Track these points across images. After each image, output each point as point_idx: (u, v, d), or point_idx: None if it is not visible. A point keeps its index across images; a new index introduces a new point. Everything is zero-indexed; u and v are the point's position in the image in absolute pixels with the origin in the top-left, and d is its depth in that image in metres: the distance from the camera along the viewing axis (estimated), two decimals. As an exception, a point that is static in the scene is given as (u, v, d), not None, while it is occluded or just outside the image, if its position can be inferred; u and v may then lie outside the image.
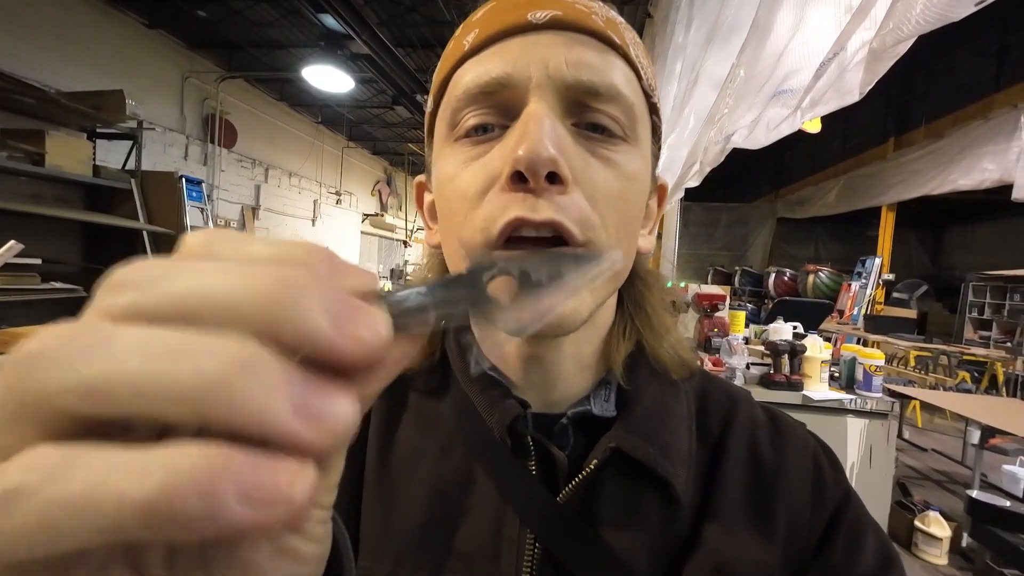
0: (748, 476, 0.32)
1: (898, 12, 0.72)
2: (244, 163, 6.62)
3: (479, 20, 0.30)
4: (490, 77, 0.27)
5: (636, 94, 0.30)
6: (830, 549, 0.31)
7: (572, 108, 0.27)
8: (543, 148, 0.24)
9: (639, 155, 0.30)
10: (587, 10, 0.29)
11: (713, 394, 0.37)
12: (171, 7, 4.66)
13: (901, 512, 2.20)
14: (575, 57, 0.27)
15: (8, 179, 3.66)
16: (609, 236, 0.28)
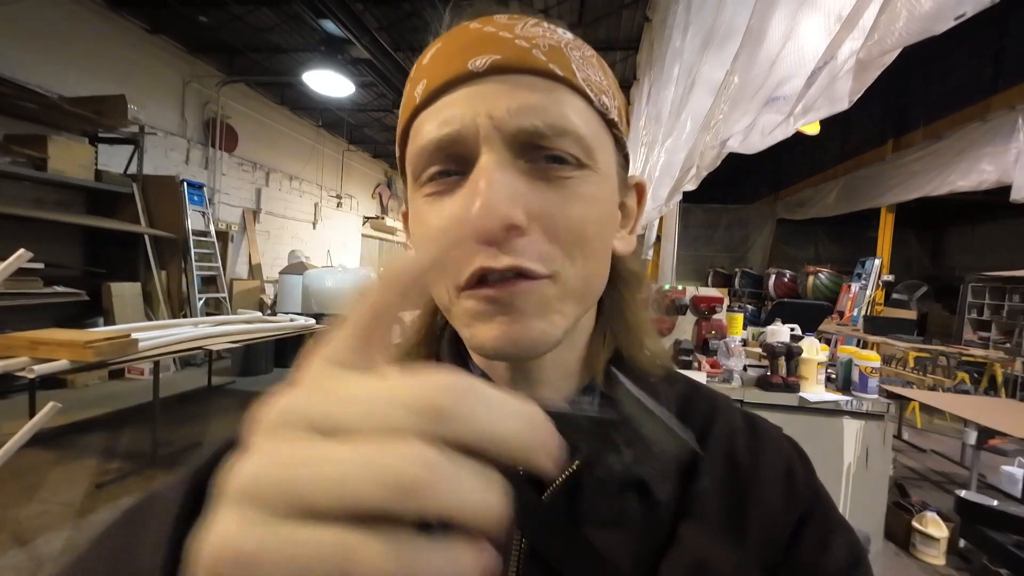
0: (724, 479, 0.34)
1: (882, 24, 0.74)
2: (245, 167, 6.65)
3: (427, 67, 0.31)
4: (443, 135, 0.28)
5: (588, 121, 0.30)
6: (800, 547, 0.32)
7: (523, 150, 0.28)
8: (498, 208, 0.25)
9: (598, 176, 0.31)
10: (528, 45, 0.29)
11: (695, 400, 0.38)
12: (172, 12, 4.69)
13: (899, 513, 2.20)
14: (516, 104, 0.28)
15: (10, 184, 3.68)
16: (573, 261, 0.29)
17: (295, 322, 3.86)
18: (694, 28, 2.01)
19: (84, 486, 2.35)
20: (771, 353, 1.81)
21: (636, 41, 4.52)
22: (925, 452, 3.53)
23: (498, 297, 0.28)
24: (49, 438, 2.84)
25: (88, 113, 3.89)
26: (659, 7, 3.16)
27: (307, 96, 6.40)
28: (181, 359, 4.79)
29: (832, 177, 7.79)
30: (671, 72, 2.41)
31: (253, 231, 6.77)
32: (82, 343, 2.03)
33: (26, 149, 3.56)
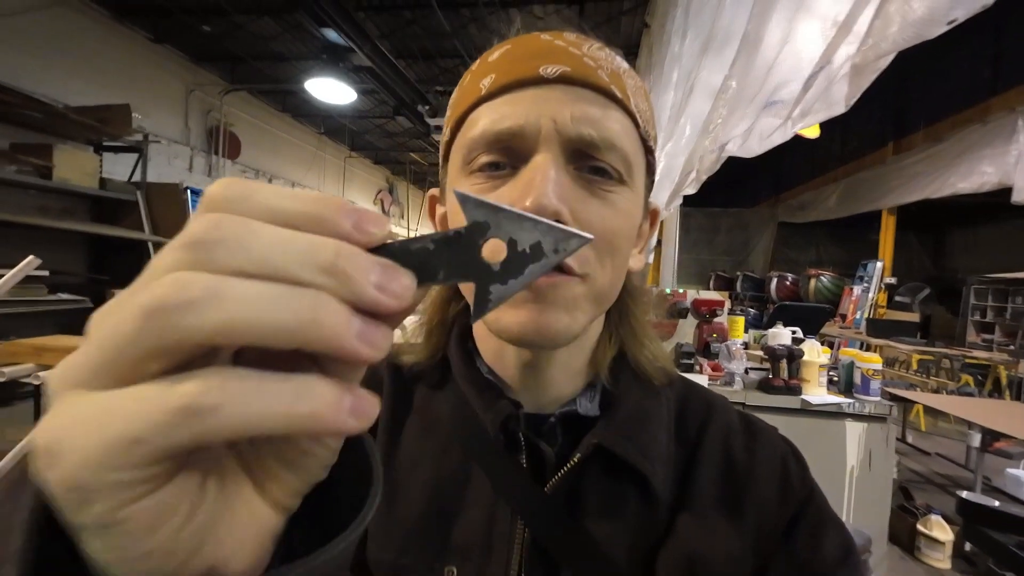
0: (721, 475, 0.35)
1: (876, 30, 0.75)
2: (248, 173, 6.69)
3: (496, 64, 0.33)
4: (505, 127, 0.30)
5: (633, 142, 0.33)
6: (794, 541, 0.33)
7: (574, 157, 0.31)
8: (548, 201, 0.27)
9: (633, 195, 0.33)
10: (594, 65, 0.32)
11: (692, 400, 0.40)
12: (176, 22, 4.75)
13: (903, 516, 2.19)
14: (579, 113, 0.30)
15: (16, 192, 3.72)
16: (604, 267, 0.31)
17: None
18: (692, 33, 2.03)
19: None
20: (772, 356, 1.81)
21: (635, 46, 4.55)
22: (930, 455, 3.52)
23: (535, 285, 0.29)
24: (53, 445, 2.84)
25: (93, 122, 3.93)
26: (658, 12, 3.19)
27: (309, 103, 6.45)
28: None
29: (833, 180, 7.80)
30: (670, 77, 2.43)
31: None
32: (86, 349, 2.04)
33: (32, 158, 3.59)
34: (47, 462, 0.12)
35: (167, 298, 0.12)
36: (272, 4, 4.43)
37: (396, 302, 0.14)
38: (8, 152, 3.55)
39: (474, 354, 0.38)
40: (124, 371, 0.12)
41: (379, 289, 0.13)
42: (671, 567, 0.32)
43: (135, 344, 0.12)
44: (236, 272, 0.12)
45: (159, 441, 0.11)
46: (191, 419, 0.11)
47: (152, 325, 0.12)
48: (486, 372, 0.37)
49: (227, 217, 0.13)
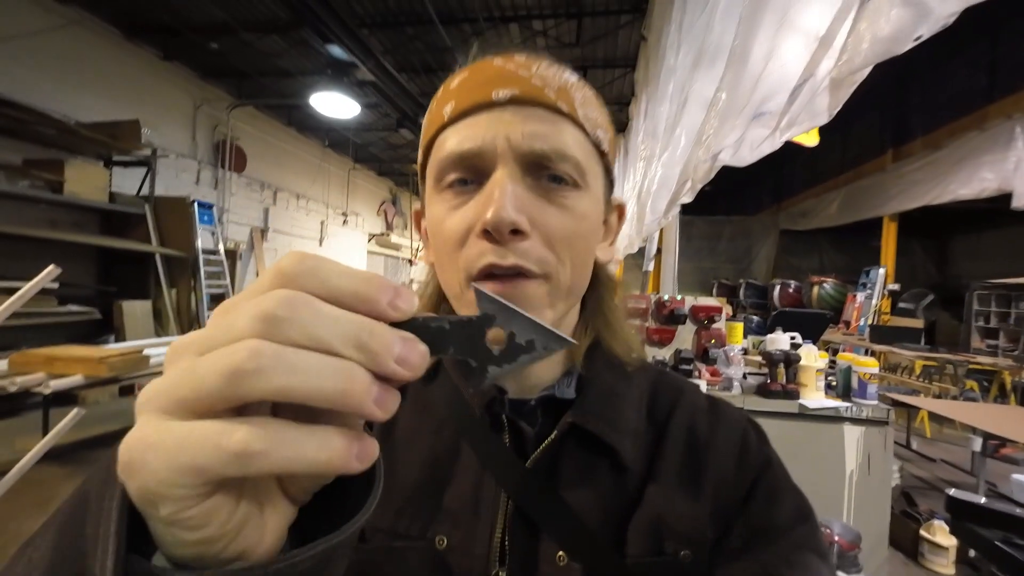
0: (685, 448, 0.39)
1: (851, 46, 0.79)
2: (253, 186, 6.80)
3: (455, 91, 0.37)
4: (466, 148, 0.34)
5: (584, 149, 0.36)
6: (751, 505, 0.37)
7: (530, 169, 0.34)
8: (506, 213, 0.31)
9: (589, 196, 0.37)
10: (541, 84, 0.35)
11: (664, 385, 0.44)
12: (185, 40, 4.87)
13: (906, 522, 2.19)
14: (529, 130, 0.34)
15: (28, 206, 3.81)
16: (563, 265, 0.35)
17: (302, 337, 3.90)
18: (686, 47, 2.08)
19: (95, 501, 2.38)
20: (770, 361, 1.83)
21: (633, 59, 4.63)
22: (934, 462, 3.49)
23: (502, 292, 0.33)
24: (62, 453, 2.88)
25: (103, 137, 4.03)
26: (654, 27, 3.26)
27: (314, 117, 6.56)
28: (190, 376, 4.84)
29: (833, 187, 7.84)
30: (666, 89, 2.48)
31: (261, 249, 6.89)
32: (96, 359, 2.09)
33: (44, 173, 3.68)
34: (128, 473, 0.16)
35: (245, 364, 0.15)
36: (278, 22, 4.54)
37: (410, 373, 0.18)
38: (21, 167, 3.64)
39: None
40: (198, 410, 0.16)
41: (399, 362, 0.17)
42: (640, 530, 0.35)
43: (212, 395, 0.16)
44: (295, 344, 0.16)
45: (215, 473, 0.16)
46: (242, 460, 0.15)
47: (230, 384, 0.15)
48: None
49: (296, 299, 0.17)
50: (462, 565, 0.35)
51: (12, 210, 3.69)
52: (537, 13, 4.36)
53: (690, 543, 0.35)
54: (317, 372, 0.16)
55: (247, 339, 0.16)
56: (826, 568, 0.35)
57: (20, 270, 3.55)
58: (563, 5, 4.27)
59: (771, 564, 0.34)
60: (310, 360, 0.16)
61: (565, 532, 0.35)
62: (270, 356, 0.16)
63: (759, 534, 0.36)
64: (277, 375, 0.16)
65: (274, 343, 0.16)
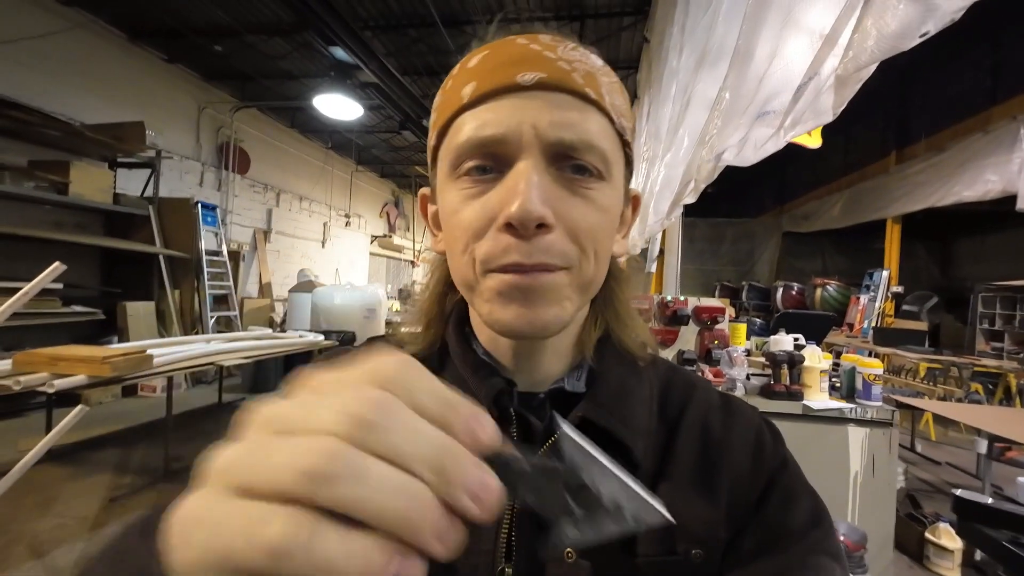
0: (699, 447, 0.38)
1: (856, 43, 0.79)
2: (256, 188, 6.83)
3: (475, 71, 0.34)
4: (488, 134, 0.32)
5: (610, 139, 0.35)
6: (766, 506, 0.36)
7: (555, 158, 0.33)
8: (532, 207, 0.30)
9: (612, 188, 0.35)
10: (569, 68, 0.33)
11: (675, 381, 0.43)
12: (189, 43, 4.90)
13: (911, 524, 2.17)
14: (557, 118, 0.32)
15: (33, 207, 3.83)
16: (587, 258, 0.34)
17: (304, 338, 3.91)
18: (688, 48, 2.08)
19: (98, 500, 2.39)
20: (773, 362, 1.82)
21: (635, 61, 4.64)
22: (940, 464, 3.47)
23: (522, 283, 0.32)
24: (64, 454, 2.89)
25: (108, 139, 4.05)
26: (656, 29, 3.26)
27: (317, 119, 6.59)
28: (192, 376, 4.86)
29: (836, 189, 7.82)
30: (668, 90, 2.48)
31: (264, 250, 6.91)
32: (100, 359, 2.09)
33: (49, 174, 3.70)
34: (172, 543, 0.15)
35: (323, 468, 0.15)
36: (282, 24, 4.57)
37: (482, 514, 0.16)
38: (27, 169, 3.66)
39: (471, 337, 0.41)
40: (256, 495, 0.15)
41: (472, 498, 0.16)
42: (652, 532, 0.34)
43: (279, 490, 0.15)
44: (375, 453, 0.15)
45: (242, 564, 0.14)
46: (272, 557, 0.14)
47: (301, 484, 0.15)
48: (482, 353, 0.40)
49: (390, 405, 0.16)
50: (468, 561, 0.34)
51: (17, 211, 3.71)
52: (539, 15, 4.37)
53: (702, 543, 0.35)
54: (389, 491, 0.15)
55: (330, 438, 0.15)
56: (840, 571, 0.34)
57: (25, 271, 3.56)
58: (565, 7, 4.28)
59: (786, 567, 0.33)
60: (384, 476, 0.15)
61: None
62: (348, 465, 0.15)
63: (774, 536, 0.35)
64: (349, 486, 0.15)
65: (356, 450, 0.15)
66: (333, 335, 4.37)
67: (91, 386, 2.12)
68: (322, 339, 4.02)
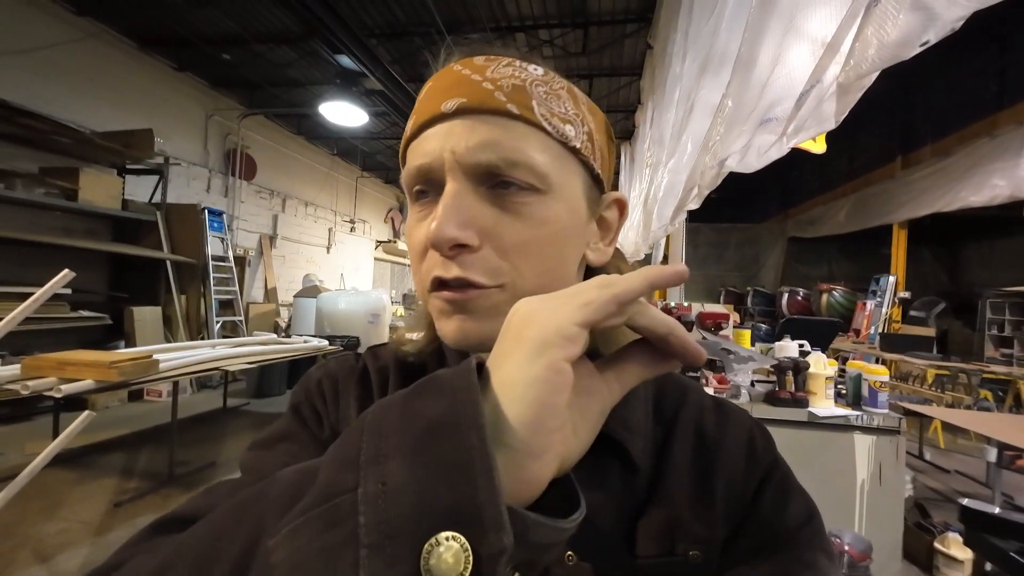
0: (693, 450, 0.39)
1: (857, 51, 0.79)
2: (263, 194, 6.88)
3: (419, 103, 0.37)
4: (420, 163, 0.34)
5: (544, 150, 0.34)
6: (760, 504, 0.37)
7: (482, 179, 0.33)
8: (444, 230, 0.31)
9: (555, 200, 0.35)
10: (492, 87, 0.34)
11: (668, 384, 0.43)
12: (198, 51, 4.97)
13: (919, 533, 2.14)
14: (475, 141, 0.33)
15: (43, 214, 3.88)
16: (521, 273, 0.34)
17: (308, 343, 3.93)
18: (692, 55, 2.09)
19: (103, 505, 2.40)
20: (778, 368, 1.81)
21: (639, 68, 4.66)
22: (949, 473, 3.43)
23: (452, 299, 0.33)
24: (70, 458, 2.91)
25: (117, 146, 4.11)
26: (659, 36, 3.28)
27: (323, 126, 6.65)
28: (198, 381, 4.88)
29: (842, 195, 7.78)
30: (672, 96, 2.49)
31: (269, 256, 6.95)
32: (107, 363, 2.11)
33: (59, 181, 3.76)
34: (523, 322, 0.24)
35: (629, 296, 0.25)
36: (289, 33, 4.63)
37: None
38: (37, 176, 3.72)
39: None
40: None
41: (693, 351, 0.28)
42: (651, 531, 0.35)
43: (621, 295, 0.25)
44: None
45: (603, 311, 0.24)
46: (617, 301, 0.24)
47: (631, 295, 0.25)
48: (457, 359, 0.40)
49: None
50: None
51: (28, 217, 3.76)
52: (543, 23, 4.40)
53: (701, 543, 0.35)
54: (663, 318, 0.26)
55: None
56: (834, 569, 0.34)
57: (34, 276, 3.60)
58: (569, 15, 4.32)
59: (783, 565, 0.34)
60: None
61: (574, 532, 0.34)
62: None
63: (769, 535, 0.36)
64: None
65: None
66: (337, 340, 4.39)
67: (98, 391, 2.14)
68: (326, 344, 4.04)
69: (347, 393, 0.42)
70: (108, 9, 4.29)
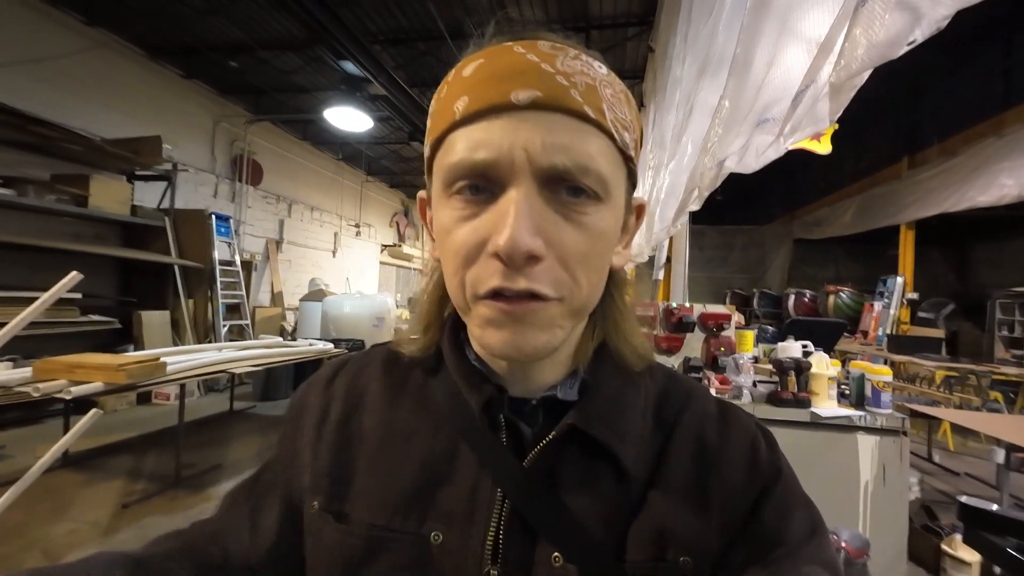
0: (692, 457, 0.37)
1: (847, 51, 0.80)
2: (269, 199, 6.95)
3: (469, 82, 0.32)
4: (480, 158, 0.31)
5: (610, 158, 0.33)
6: (759, 517, 0.35)
7: (549, 182, 0.31)
8: (521, 240, 0.29)
9: (610, 209, 0.34)
10: (567, 83, 0.31)
11: (672, 389, 0.42)
12: (205, 59, 5.05)
13: (927, 536, 2.12)
14: (551, 141, 0.30)
15: (53, 220, 3.94)
16: (579, 285, 0.33)
17: (314, 347, 3.96)
18: (691, 57, 2.10)
19: (111, 506, 2.43)
20: (780, 369, 1.81)
21: (641, 71, 4.67)
22: (958, 475, 3.38)
23: (512, 312, 0.31)
24: (79, 460, 2.95)
25: (127, 153, 4.17)
26: (660, 39, 3.29)
27: (328, 131, 6.71)
28: (204, 384, 4.92)
29: (848, 196, 7.74)
30: (672, 98, 2.50)
31: (276, 260, 7.02)
32: (115, 366, 2.15)
33: (70, 187, 3.82)
34: None
35: None
36: (294, 40, 4.68)
37: None
38: (48, 182, 3.78)
39: (465, 344, 0.41)
40: None
41: None
42: (641, 537, 0.34)
43: None
44: None
45: None
46: None
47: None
48: (474, 360, 0.40)
49: None
50: (455, 562, 0.34)
51: (39, 223, 3.83)
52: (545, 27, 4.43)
53: (691, 551, 0.34)
54: None
55: None
56: None
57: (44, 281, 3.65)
58: (571, 18, 4.34)
59: None
60: None
61: (561, 534, 0.34)
62: None
63: (766, 547, 0.34)
64: None
65: None
66: (343, 343, 4.42)
67: (107, 393, 2.17)
68: (331, 347, 4.07)
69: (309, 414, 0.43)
70: (118, 19, 4.37)
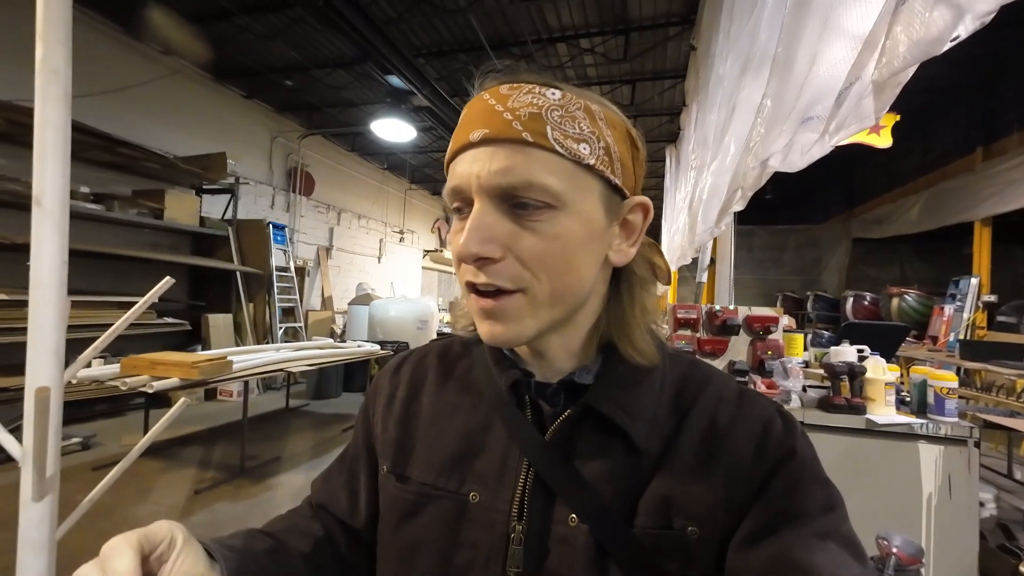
0: (702, 435, 0.41)
1: (888, 49, 0.79)
2: (320, 208, 7.34)
3: (457, 129, 0.42)
4: (453, 185, 0.40)
5: (557, 171, 0.38)
6: (768, 494, 0.38)
7: (502, 199, 0.38)
8: (469, 247, 0.37)
9: (567, 214, 0.38)
10: (510, 118, 0.38)
11: (692, 375, 0.46)
12: (264, 80, 5.42)
13: (1003, 556, 1.96)
14: (495, 167, 0.37)
15: (135, 231, 4.36)
16: (540, 280, 0.39)
17: (362, 348, 4.15)
18: (733, 55, 2.07)
19: (185, 491, 2.66)
20: (832, 373, 1.74)
21: (683, 70, 4.59)
22: (1044, 494, 3.08)
23: (486, 306, 0.39)
24: (159, 449, 3.24)
25: (196, 169, 4.56)
26: (703, 36, 3.24)
27: (374, 142, 7.01)
28: (263, 383, 5.25)
29: (913, 191, 7.21)
30: (715, 97, 2.46)
31: (326, 266, 7.38)
32: (190, 363, 2.36)
33: (149, 202, 4.22)
34: None
35: None
36: (344, 58, 4.95)
37: None
38: (131, 198, 4.19)
39: None
40: None
41: None
42: (650, 508, 0.39)
43: None
44: None
45: None
46: None
47: None
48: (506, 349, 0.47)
49: None
50: (488, 517, 0.42)
51: (123, 235, 4.25)
52: (584, 32, 4.45)
53: (698, 520, 0.38)
54: None
55: None
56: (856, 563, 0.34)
57: (128, 287, 4.06)
58: (610, 22, 4.34)
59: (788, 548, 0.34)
60: None
61: (576, 498, 0.40)
62: None
63: (777, 520, 0.36)
64: None
65: None
66: (388, 345, 4.59)
67: (182, 387, 2.39)
68: (378, 349, 4.24)
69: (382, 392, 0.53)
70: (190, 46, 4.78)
